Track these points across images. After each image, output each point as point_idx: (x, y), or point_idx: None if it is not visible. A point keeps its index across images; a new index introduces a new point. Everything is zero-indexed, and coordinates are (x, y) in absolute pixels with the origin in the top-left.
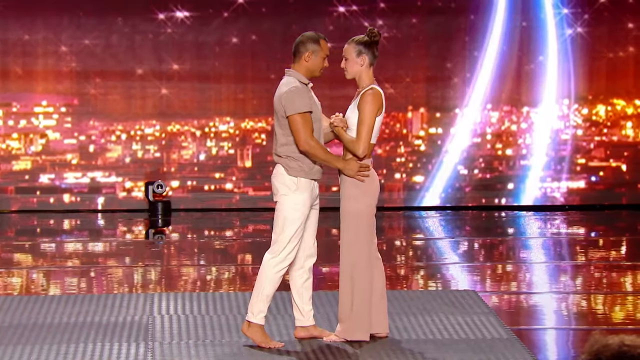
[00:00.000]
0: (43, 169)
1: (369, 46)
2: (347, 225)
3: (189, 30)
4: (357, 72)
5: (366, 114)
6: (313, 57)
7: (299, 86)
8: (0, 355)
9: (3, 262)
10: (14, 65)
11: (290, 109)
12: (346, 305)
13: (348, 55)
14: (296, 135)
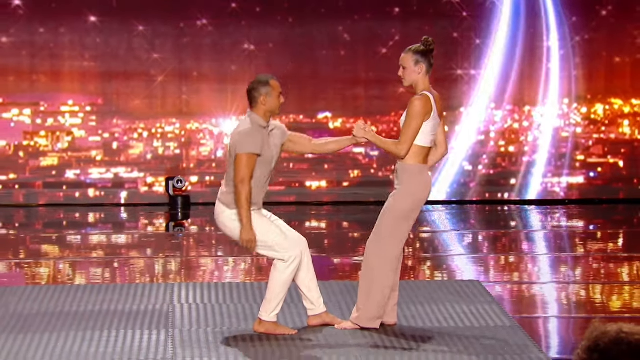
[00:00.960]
0: (69, 165)
1: (425, 55)
2: (386, 219)
3: (208, 34)
4: (415, 80)
5: (411, 118)
6: (268, 98)
7: (254, 128)
8: (29, 342)
9: (31, 253)
10: (41, 67)
11: (240, 148)
12: (365, 295)
13: (406, 65)
14: (236, 171)
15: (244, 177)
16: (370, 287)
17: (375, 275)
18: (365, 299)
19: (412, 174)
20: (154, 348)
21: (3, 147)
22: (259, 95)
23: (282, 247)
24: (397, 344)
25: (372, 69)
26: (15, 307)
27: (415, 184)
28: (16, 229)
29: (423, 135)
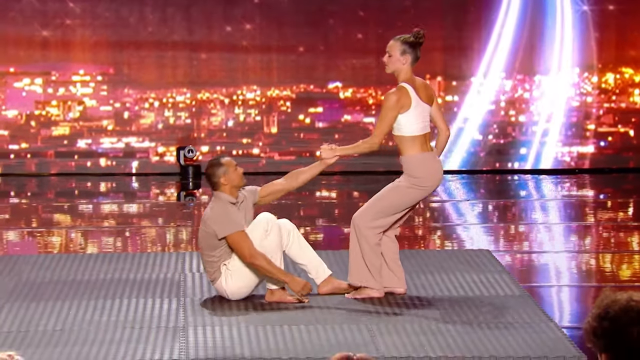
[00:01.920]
0: (80, 135)
1: (413, 46)
2: (386, 199)
3: (219, 3)
4: (398, 69)
5: (384, 110)
6: (228, 176)
7: (225, 208)
8: (42, 310)
9: (44, 222)
10: (53, 36)
11: (223, 232)
12: (355, 256)
13: (392, 52)
14: (240, 252)
15: (250, 252)
16: (358, 251)
17: (362, 242)
18: (357, 260)
19: (417, 162)
20: (166, 316)
21: (15, 117)
22: (218, 178)
23: (273, 249)
24: (407, 312)
25: (383, 38)
26: (28, 275)
27: (421, 173)
28: (28, 198)
29: (409, 125)
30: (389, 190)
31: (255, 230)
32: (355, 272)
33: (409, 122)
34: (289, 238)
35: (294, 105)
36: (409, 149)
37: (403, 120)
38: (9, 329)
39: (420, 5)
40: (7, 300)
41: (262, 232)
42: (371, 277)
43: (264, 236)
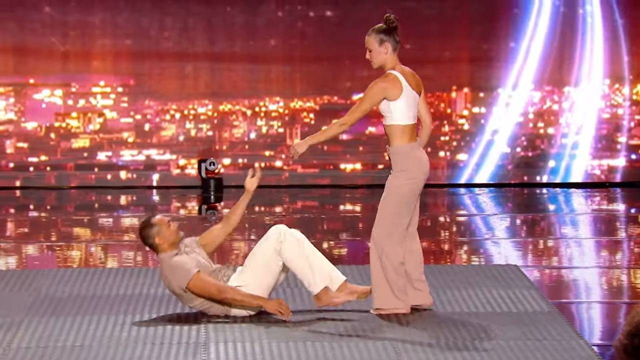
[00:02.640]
0: (101, 147)
1: (389, 33)
2: (387, 206)
3: (240, 13)
4: (383, 61)
5: (365, 98)
6: (162, 236)
7: (172, 262)
8: (61, 325)
9: (63, 235)
10: (73, 47)
11: (182, 282)
12: (379, 280)
13: (371, 47)
14: (208, 294)
15: (217, 289)
16: (380, 272)
17: (384, 258)
18: (380, 284)
19: (404, 154)
20: (187, 332)
21: (34, 129)
22: (153, 239)
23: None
24: (433, 328)
25: (408, 50)
26: (47, 290)
27: (409, 164)
28: (48, 211)
29: (401, 113)
30: (389, 196)
31: (268, 240)
32: (380, 297)
33: (401, 111)
34: (302, 246)
35: (317, 116)
36: (399, 139)
37: (394, 108)
38: (27, 345)
39: (446, 15)
40: (26, 315)
41: (275, 241)
42: (397, 300)
43: (278, 245)
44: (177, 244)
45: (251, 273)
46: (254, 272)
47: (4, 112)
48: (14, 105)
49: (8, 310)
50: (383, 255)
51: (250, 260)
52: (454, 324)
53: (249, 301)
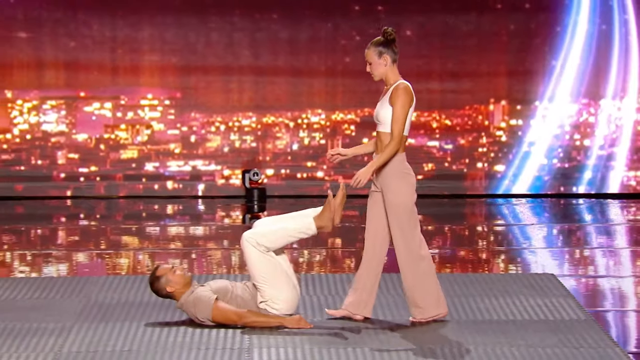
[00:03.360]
0: (148, 158)
1: (387, 45)
2: (399, 219)
3: (283, 28)
4: (383, 73)
5: (399, 109)
6: (172, 284)
7: (187, 301)
8: (110, 331)
9: (112, 244)
10: (122, 61)
11: (207, 314)
12: (422, 291)
13: (370, 59)
14: (230, 320)
15: (237, 315)
16: (423, 281)
17: (421, 269)
18: (423, 295)
19: (398, 164)
20: (231, 338)
21: (85, 140)
22: (165, 290)
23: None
24: (472, 335)
25: (446, 64)
26: (96, 296)
27: (405, 172)
28: (97, 220)
29: (407, 124)
30: (401, 213)
31: (250, 254)
32: (430, 305)
33: (408, 121)
34: (270, 227)
35: (358, 128)
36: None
37: (389, 116)
38: (78, 349)
39: (484, 30)
40: (76, 321)
41: (254, 251)
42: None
43: (259, 248)
44: (190, 283)
45: (267, 286)
46: (268, 284)
47: (55, 124)
48: (66, 118)
49: (59, 315)
50: (422, 262)
51: (258, 278)
52: (492, 331)
53: (268, 321)
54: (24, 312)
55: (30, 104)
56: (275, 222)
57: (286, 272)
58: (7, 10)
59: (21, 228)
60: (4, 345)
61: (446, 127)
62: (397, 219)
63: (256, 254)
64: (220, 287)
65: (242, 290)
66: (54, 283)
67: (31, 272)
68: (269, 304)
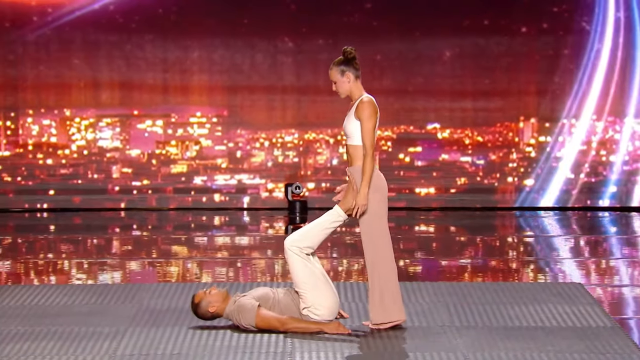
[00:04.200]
0: (197, 172)
1: (348, 63)
2: (369, 225)
3: (323, 50)
4: (347, 90)
5: (366, 122)
6: (212, 304)
7: (231, 309)
8: (160, 335)
9: (163, 253)
10: (172, 81)
11: (250, 321)
12: (375, 296)
13: (334, 79)
14: (272, 327)
15: (279, 322)
16: (388, 287)
17: (386, 275)
18: (387, 300)
19: (376, 174)
20: (274, 342)
21: (138, 156)
22: (208, 312)
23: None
24: (501, 340)
25: (478, 83)
26: (148, 302)
27: (375, 181)
28: (149, 230)
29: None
30: (373, 221)
31: (295, 263)
32: (396, 310)
33: (374, 131)
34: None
35: (394, 144)
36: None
37: (357, 129)
38: (131, 352)
39: (515, 50)
40: (129, 326)
41: (300, 261)
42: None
43: (307, 260)
44: (228, 297)
45: (309, 293)
46: (310, 291)
47: (110, 141)
48: (120, 134)
49: (114, 320)
50: (388, 267)
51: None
52: (522, 337)
53: (308, 327)
54: (81, 317)
55: (87, 122)
56: (308, 225)
57: (327, 280)
58: (66, 35)
59: (78, 238)
60: (62, 348)
61: (478, 143)
62: (368, 226)
63: (299, 262)
64: (262, 295)
65: (284, 296)
66: (109, 290)
67: (87, 279)
68: (311, 310)
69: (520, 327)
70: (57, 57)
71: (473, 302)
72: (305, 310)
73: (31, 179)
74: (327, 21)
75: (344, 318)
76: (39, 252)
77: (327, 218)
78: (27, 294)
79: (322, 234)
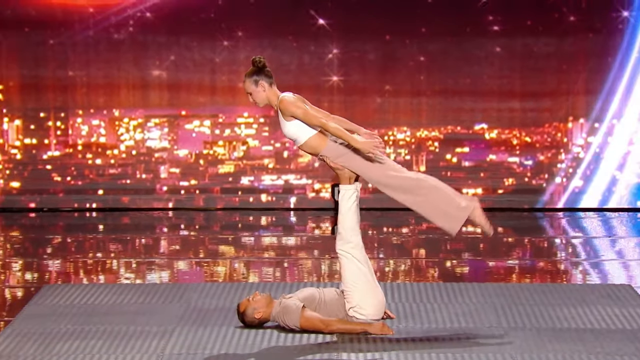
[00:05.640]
0: (244, 172)
1: (260, 72)
2: (367, 175)
3: (371, 50)
4: (264, 98)
5: (297, 112)
6: (257, 310)
7: (279, 309)
8: (208, 334)
9: (210, 253)
10: (220, 82)
11: (295, 322)
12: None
13: (249, 90)
14: (316, 329)
15: (324, 324)
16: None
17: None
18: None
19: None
20: (321, 341)
21: (185, 156)
22: (255, 319)
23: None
24: (550, 342)
25: (526, 84)
26: (195, 302)
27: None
28: (196, 230)
29: (305, 129)
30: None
31: (345, 264)
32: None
33: (302, 130)
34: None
35: (441, 145)
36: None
37: (299, 127)
38: (179, 351)
39: (563, 50)
40: (177, 325)
41: (349, 262)
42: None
43: (357, 261)
44: (272, 300)
45: (357, 292)
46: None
47: (159, 141)
48: (168, 135)
49: (162, 319)
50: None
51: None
52: (571, 339)
53: (353, 328)
54: (130, 316)
55: (135, 122)
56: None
57: (374, 280)
58: (115, 35)
59: (127, 237)
60: (111, 346)
61: (526, 144)
62: (372, 173)
63: (347, 262)
64: (308, 296)
65: (330, 296)
66: (157, 289)
67: (136, 278)
68: (356, 310)
69: (569, 328)
70: (106, 58)
71: (521, 303)
72: (351, 310)
73: (80, 179)
74: (372, 27)
75: (390, 318)
76: (88, 251)
77: (343, 202)
78: (76, 293)
79: (351, 217)
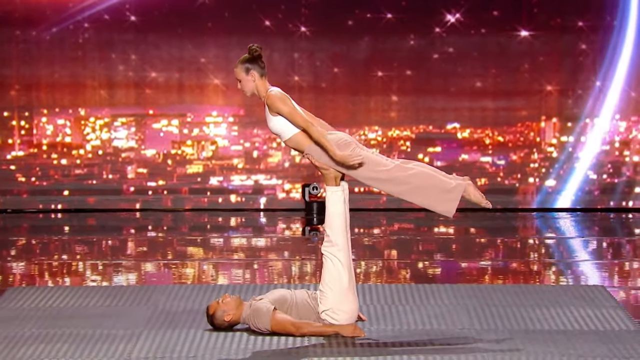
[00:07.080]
0: (213, 172)
1: (253, 61)
2: (365, 172)
3: (339, 47)
4: (253, 88)
5: (284, 109)
6: (227, 312)
7: (250, 311)
8: (176, 337)
9: (178, 254)
10: (188, 81)
11: (266, 323)
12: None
13: (239, 77)
14: (287, 331)
15: (295, 326)
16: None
17: (420, 179)
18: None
19: None
20: (291, 344)
21: (153, 156)
22: (224, 321)
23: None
24: (523, 345)
25: (498, 82)
26: (163, 304)
27: (333, 138)
28: (164, 231)
29: (290, 127)
30: (367, 167)
31: (327, 265)
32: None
33: (287, 125)
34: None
35: (413, 144)
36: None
37: (285, 124)
38: (146, 355)
39: (537, 50)
40: (144, 328)
41: (332, 265)
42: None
43: (341, 265)
44: (241, 302)
45: (332, 294)
46: (334, 292)
47: (126, 141)
48: (135, 134)
49: (128, 322)
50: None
51: (325, 285)
52: (544, 340)
53: (325, 331)
54: (96, 319)
55: (102, 121)
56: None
57: (353, 286)
58: (80, 34)
59: (93, 239)
60: (77, 350)
61: (499, 143)
62: (368, 171)
63: (330, 264)
64: (279, 298)
65: (302, 298)
66: (124, 291)
67: (102, 281)
68: (329, 314)
69: (541, 330)
70: (71, 56)
71: (494, 304)
72: (323, 313)
73: (45, 180)
74: (340, 20)
75: (362, 320)
76: (53, 253)
77: (330, 205)
78: (41, 296)
79: (339, 220)
